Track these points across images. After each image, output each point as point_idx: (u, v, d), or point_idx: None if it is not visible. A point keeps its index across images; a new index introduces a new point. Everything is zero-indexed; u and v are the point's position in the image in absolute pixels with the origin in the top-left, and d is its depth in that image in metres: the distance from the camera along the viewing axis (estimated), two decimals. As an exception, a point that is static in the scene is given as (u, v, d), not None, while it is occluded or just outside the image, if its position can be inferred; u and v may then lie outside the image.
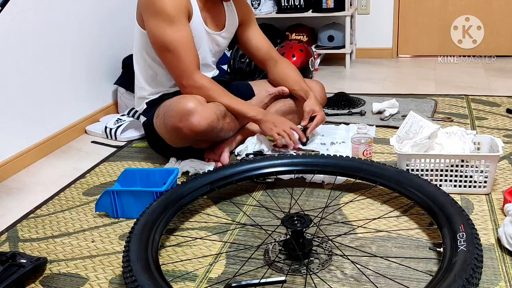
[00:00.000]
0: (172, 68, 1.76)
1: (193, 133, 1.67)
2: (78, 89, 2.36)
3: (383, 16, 3.40)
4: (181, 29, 1.70)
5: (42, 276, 1.29)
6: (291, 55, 2.81)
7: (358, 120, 2.21)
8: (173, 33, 1.69)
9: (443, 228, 1.21)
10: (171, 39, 1.69)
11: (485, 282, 1.14)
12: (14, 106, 1.98)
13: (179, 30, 1.70)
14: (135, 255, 1.13)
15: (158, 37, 1.71)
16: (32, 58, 2.06)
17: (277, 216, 1.46)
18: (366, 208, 1.51)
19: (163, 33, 1.70)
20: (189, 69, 1.73)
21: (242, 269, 1.24)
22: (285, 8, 3.24)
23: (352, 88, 2.77)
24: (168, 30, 1.69)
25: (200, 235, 1.43)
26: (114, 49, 2.57)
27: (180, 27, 1.70)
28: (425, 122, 1.62)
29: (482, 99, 2.44)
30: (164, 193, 1.42)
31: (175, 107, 1.68)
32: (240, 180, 1.56)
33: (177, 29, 1.69)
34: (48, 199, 1.73)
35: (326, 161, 1.58)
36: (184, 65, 1.73)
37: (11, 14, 1.92)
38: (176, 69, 1.75)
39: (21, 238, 1.49)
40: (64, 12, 2.23)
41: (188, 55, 1.72)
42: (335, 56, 3.38)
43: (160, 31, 1.70)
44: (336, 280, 1.19)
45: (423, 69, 3.15)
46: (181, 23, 1.70)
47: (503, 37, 3.23)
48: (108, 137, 2.27)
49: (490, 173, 1.50)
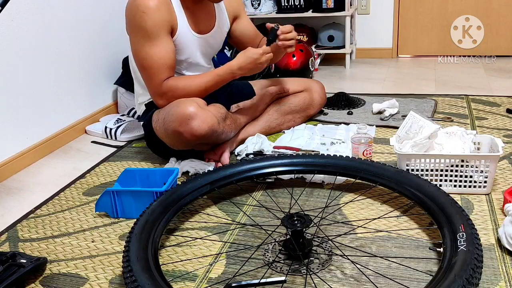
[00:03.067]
0: (147, 84, 1.77)
1: (194, 137, 1.67)
2: (78, 89, 2.36)
3: (383, 16, 3.40)
4: (158, 44, 1.69)
5: (42, 276, 1.29)
6: (291, 55, 2.81)
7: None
8: (150, 49, 1.69)
9: (443, 228, 1.21)
10: (146, 56, 1.70)
11: (485, 282, 1.14)
12: (14, 106, 1.98)
13: (156, 45, 1.69)
14: (135, 255, 1.13)
15: (135, 53, 1.73)
16: (32, 58, 2.06)
17: (277, 216, 1.46)
18: (366, 208, 1.51)
19: (140, 49, 1.71)
20: (159, 85, 1.73)
21: (242, 269, 1.24)
22: (285, 8, 3.24)
23: (352, 88, 2.77)
24: (145, 46, 1.69)
25: (200, 235, 1.43)
26: (114, 49, 2.56)
27: (157, 42, 1.69)
28: (425, 122, 1.62)
29: (482, 99, 2.44)
30: (164, 193, 1.42)
31: (175, 112, 1.68)
32: (240, 180, 1.56)
33: (154, 45, 1.69)
34: (48, 199, 1.73)
35: (326, 161, 1.58)
36: (155, 82, 1.73)
37: (11, 14, 1.92)
38: (149, 86, 1.76)
39: (21, 238, 1.49)
40: (64, 12, 2.23)
41: (160, 71, 1.71)
42: (335, 56, 3.38)
43: (137, 47, 1.71)
44: (336, 280, 1.19)
45: (423, 69, 3.15)
46: (159, 39, 1.69)
47: (503, 37, 3.23)
48: (108, 137, 2.27)
49: (490, 173, 1.50)
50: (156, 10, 1.66)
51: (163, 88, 1.73)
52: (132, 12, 1.68)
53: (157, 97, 1.76)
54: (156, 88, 1.74)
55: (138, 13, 1.66)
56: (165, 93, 1.74)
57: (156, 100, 1.78)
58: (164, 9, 1.69)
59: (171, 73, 1.75)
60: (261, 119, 2.05)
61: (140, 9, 1.65)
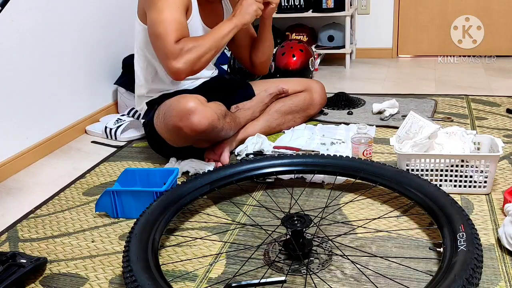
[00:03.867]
0: (161, 51, 1.70)
1: (193, 133, 1.67)
2: (78, 89, 2.36)
3: (383, 16, 3.40)
4: (175, 12, 1.68)
5: (42, 276, 1.29)
6: (291, 55, 2.81)
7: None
8: (167, 13, 1.66)
9: (443, 228, 1.21)
10: (163, 19, 1.66)
11: (485, 282, 1.14)
12: (14, 106, 1.98)
13: (173, 12, 1.67)
14: (135, 255, 1.13)
15: (153, 24, 1.69)
16: (32, 58, 2.06)
17: (277, 216, 1.46)
18: (366, 208, 1.51)
19: (158, 15, 1.67)
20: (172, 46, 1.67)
21: (242, 269, 1.24)
22: (285, 8, 3.24)
23: (352, 88, 2.77)
24: (165, 12, 1.66)
25: (200, 235, 1.43)
26: (114, 49, 2.56)
27: (174, 10, 1.68)
28: (425, 122, 1.62)
29: (482, 99, 2.44)
30: (164, 193, 1.42)
31: (175, 107, 1.68)
32: (240, 180, 1.56)
33: (172, 11, 1.67)
34: (48, 199, 1.73)
35: (326, 161, 1.58)
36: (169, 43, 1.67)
37: (11, 14, 1.92)
38: (163, 50, 1.68)
39: (21, 238, 1.49)
40: (64, 12, 2.23)
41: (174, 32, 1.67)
42: (335, 56, 3.38)
43: (155, 15, 1.68)
44: (336, 280, 1.19)
45: (423, 69, 3.15)
46: (177, 9, 1.69)
47: (503, 37, 3.23)
48: (108, 137, 2.27)
49: (490, 173, 1.50)
50: None
51: (177, 47, 1.66)
52: None
53: (172, 60, 1.67)
54: (171, 49, 1.66)
55: None
56: (180, 53, 1.67)
57: (171, 66, 1.68)
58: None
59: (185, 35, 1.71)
60: (261, 119, 2.05)
61: None
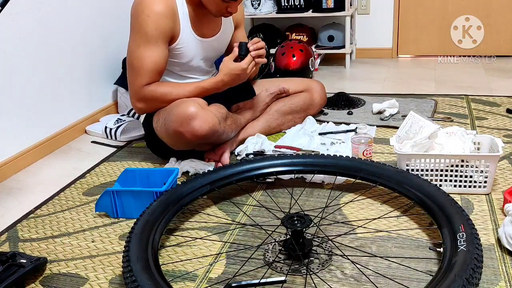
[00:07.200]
0: (130, 85, 1.76)
1: (194, 138, 1.67)
2: (78, 89, 2.36)
3: (383, 16, 3.39)
4: (153, 49, 1.69)
5: (42, 276, 1.29)
6: (291, 55, 2.81)
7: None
8: (144, 51, 1.69)
9: (443, 228, 1.21)
10: (139, 57, 1.70)
11: (485, 282, 1.14)
12: (14, 106, 1.98)
13: (151, 50, 1.69)
14: (135, 255, 1.13)
15: (130, 51, 1.73)
16: (32, 58, 2.06)
17: (277, 216, 1.46)
18: (366, 208, 1.51)
19: (135, 49, 1.71)
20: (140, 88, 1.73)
21: (242, 269, 1.24)
22: (285, 8, 3.24)
23: (352, 88, 2.77)
24: (141, 47, 1.69)
25: (200, 235, 1.43)
26: (114, 49, 2.56)
27: (153, 47, 1.69)
28: (425, 122, 1.62)
29: (482, 99, 2.44)
30: (164, 193, 1.42)
31: (176, 112, 1.68)
32: (240, 180, 1.56)
33: (149, 49, 1.69)
34: (48, 199, 1.73)
35: (326, 161, 1.58)
36: (138, 84, 1.72)
37: (11, 14, 1.92)
38: (131, 86, 1.75)
39: (21, 238, 1.49)
40: (64, 12, 2.23)
41: (146, 74, 1.71)
42: (335, 56, 3.37)
43: (133, 46, 1.71)
44: (336, 280, 1.19)
45: (423, 69, 3.15)
46: (156, 45, 1.70)
47: (503, 37, 3.23)
48: (108, 137, 2.27)
49: (490, 173, 1.50)
50: (161, 17, 1.67)
51: (144, 91, 1.73)
52: (138, 12, 1.69)
53: (135, 99, 1.76)
54: (137, 90, 1.74)
55: (142, 15, 1.67)
56: (144, 97, 1.74)
57: (134, 103, 1.77)
58: (169, 17, 1.70)
59: (156, 79, 1.75)
60: (261, 119, 2.05)
61: (145, 12, 1.66)
